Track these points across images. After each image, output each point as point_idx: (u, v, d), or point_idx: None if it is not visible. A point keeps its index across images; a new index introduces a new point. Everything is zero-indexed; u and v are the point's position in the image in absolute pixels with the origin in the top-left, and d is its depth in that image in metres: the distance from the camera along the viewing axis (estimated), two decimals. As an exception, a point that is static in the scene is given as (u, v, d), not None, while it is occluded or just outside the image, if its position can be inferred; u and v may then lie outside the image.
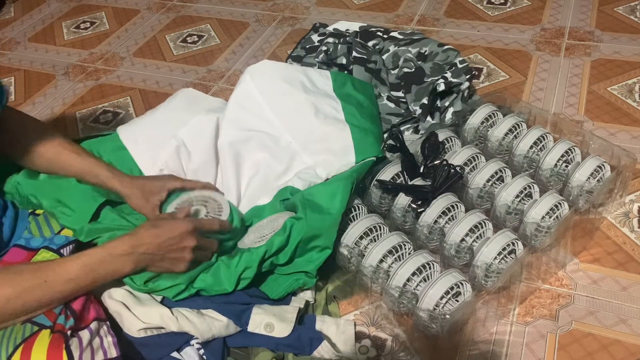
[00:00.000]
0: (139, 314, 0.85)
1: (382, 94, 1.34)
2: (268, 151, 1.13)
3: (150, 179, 1.03)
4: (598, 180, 1.02)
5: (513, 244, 0.92)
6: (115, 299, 0.87)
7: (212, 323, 0.88)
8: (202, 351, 0.86)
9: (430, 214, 0.97)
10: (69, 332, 0.73)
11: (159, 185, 1.00)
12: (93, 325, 0.76)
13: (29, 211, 0.98)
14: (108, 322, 0.80)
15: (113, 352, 0.75)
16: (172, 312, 0.86)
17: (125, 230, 0.94)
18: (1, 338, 0.72)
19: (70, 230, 0.95)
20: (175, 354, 0.86)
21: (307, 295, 0.97)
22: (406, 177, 1.04)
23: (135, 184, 0.99)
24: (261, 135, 1.14)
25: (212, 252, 0.93)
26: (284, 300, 0.95)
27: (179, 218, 0.90)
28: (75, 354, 0.71)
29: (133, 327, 0.84)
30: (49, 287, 0.76)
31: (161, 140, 1.11)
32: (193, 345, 0.86)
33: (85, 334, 0.74)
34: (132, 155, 1.09)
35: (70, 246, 0.93)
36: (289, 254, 0.93)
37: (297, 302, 0.95)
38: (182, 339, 0.86)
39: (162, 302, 0.89)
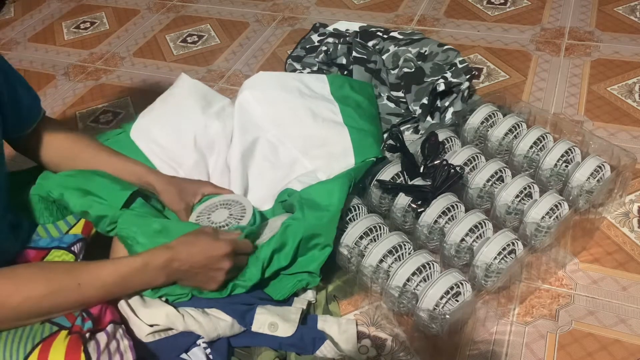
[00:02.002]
0: (145, 315, 0.85)
1: (382, 94, 1.34)
2: (268, 162, 1.13)
3: (186, 180, 1.04)
4: (598, 180, 1.02)
5: (513, 244, 0.92)
6: (122, 301, 0.86)
7: (218, 323, 0.88)
8: (208, 350, 0.86)
9: (430, 214, 0.97)
10: (87, 335, 0.73)
11: (195, 187, 1.01)
12: (109, 328, 0.76)
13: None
14: (123, 326, 0.80)
15: (129, 356, 0.75)
16: (178, 311, 0.86)
17: (157, 217, 0.93)
18: (19, 336, 0.72)
19: (78, 228, 0.95)
20: (182, 355, 0.86)
21: (309, 295, 0.97)
22: (406, 177, 1.04)
23: (172, 181, 1.00)
24: (262, 146, 1.14)
25: (240, 269, 0.92)
26: (287, 301, 0.95)
27: (219, 237, 0.87)
28: (93, 357, 0.71)
29: (141, 332, 0.84)
30: (81, 290, 0.76)
31: (182, 148, 1.11)
32: (200, 345, 0.86)
33: (102, 337, 0.74)
34: (153, 163, 1.09)
35: (80, 243, 0.93)
36: (290, 255, 0.92)
37: (300, 302, 0.95)
38: (189, 340, 0.86)
39: (166, 301, 0.89)
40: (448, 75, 1.29)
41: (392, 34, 1.46)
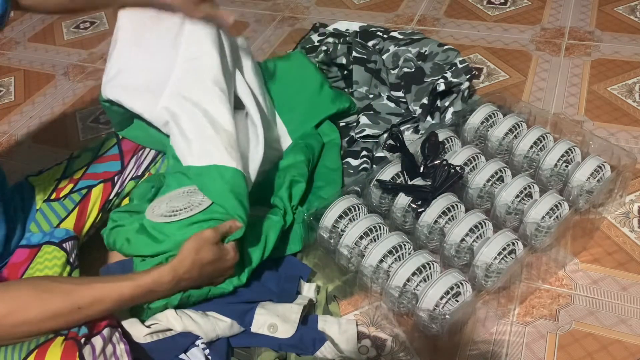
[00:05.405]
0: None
1: (382, 94, 1.34)
2: None
3: None
4: (598, 180, 1.02)
5: (513, 244, 0.92)
6: None
7: (217, 323, 0.88)
8: (207, 351, 0.86)
9: (430, 214, 0.97)
10: (82, 340, 0.73)
11: None
12: (105, 332, 0.76)
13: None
14: (120, 329, 0.80)
15: None
16: (176, 312, 0.86)
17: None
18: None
19: (70, 222, 0.96)
20: (181, 355, 0.86)
21: (311, 294, 0.97)
22: (406, 177, 1.04)
23: None
24: None
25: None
26: (289, 298, 0.95)
27: (224, 246, 0.86)
28: None
29: (139, 333, 0.84)
30: (82, 313, 0.74)
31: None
32: (198, 345, 0.86)
33: (98, 341, 0.74)
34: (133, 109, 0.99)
35: (72, 241, 0.93)
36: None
37: (302, 299, 0.95)
38: (188, 341, 0.86)
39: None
40: (448, 75, 1.29)
41: (392, 34, 1.46)
